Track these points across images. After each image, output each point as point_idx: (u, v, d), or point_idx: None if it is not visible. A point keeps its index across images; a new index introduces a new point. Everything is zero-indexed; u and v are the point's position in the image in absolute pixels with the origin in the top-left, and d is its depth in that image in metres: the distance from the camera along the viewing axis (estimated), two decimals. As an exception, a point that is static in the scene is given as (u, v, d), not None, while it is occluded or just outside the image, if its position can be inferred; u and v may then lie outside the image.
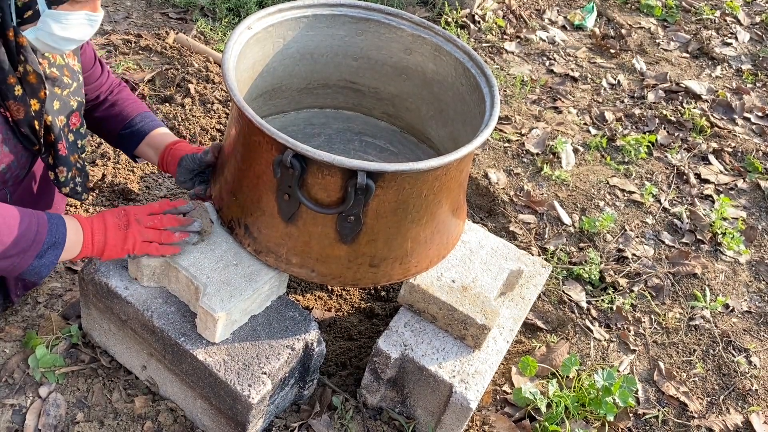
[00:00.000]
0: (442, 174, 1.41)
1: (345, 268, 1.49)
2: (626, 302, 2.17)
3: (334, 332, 1.93)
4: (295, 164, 1.30)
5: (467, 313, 1.53)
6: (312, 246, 1.45)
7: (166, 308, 1.50)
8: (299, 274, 1.49)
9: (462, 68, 1.67)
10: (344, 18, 1.74)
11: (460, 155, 1.37)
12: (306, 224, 1.42)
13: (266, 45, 1.66)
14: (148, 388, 1.63)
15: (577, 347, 2.02)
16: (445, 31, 1.71)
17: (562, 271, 2.22)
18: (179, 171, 1.64)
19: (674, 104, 3.22)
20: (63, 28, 1.31)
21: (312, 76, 1.86)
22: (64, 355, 1.67)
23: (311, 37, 1.75)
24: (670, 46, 3.72)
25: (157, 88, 2.61)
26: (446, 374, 1.53)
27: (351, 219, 1.38)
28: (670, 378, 1.98)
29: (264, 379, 1.43)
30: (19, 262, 1.30)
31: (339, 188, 1.34)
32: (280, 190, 1.38)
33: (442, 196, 1.47)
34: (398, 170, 1.31)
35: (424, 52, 1.76)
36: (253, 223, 1.48)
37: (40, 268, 1.33)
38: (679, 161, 2.85)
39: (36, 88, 1.36)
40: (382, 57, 1.82)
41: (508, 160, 2.67)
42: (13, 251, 1.28)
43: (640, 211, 2.55)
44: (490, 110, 1.52)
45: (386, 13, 1.74)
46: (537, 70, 3.32)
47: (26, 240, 1.29)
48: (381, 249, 1.47)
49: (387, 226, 1.43)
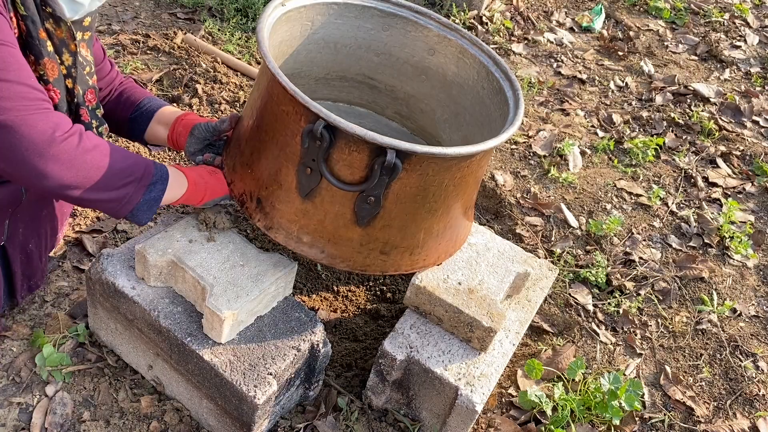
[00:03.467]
0: (465, 166, 1.41)
1: (356, 252, 1.48)
2: (633, 306, 2.16)
3: (339, 333, 1.93)
4: (324, 135, 1.29)
5: (473, 316, 1.53)
6: (326, 225, 1.43)
7: (172, 308, 1.50)
8: (308, 253, 1.48)
9: (485, 71, 1.68)
10: (373, 11, 1.74)
11: (487, 147, 1.37)
12: (323, 202, 1.40)
13: (295, 26, 1.65)
14: (154, 388, 1.64)
15: (584, 350, 2.01)
16: (471, 35, 1.71)
17: (569, 274, 2.22)
18: (190, 141, 1.60)
19: (682, 107, 3.20)
20: None
21: (332, 67, 1.85)
22: (71, 354, 1.67)
23: (338, 26, 1.75)
24: (679, 49, 3.71)
25: (164, 88, 2.62)
26: (452, 377, 1.53)
27: (371, 200, 1.37)
28: (676, 382, 1.97)
29: (270, 380, 1.43)
30: (134, 193, 1.30)
31: (364, 166, 1.33)
32: (303, 163, 1.36)
33: (459, 190, 1.47)
34: (427, 152, 1.31)
35: (448, 54, 1.76)
36: (267, 197, 1.46)
37: (150, 203, 1.33)
38: (687, 164, 2.84)
39: (65, 42, 1.36)
40: (404, 55, 1.82)
41: (515, 162, 2.66)
42: (129, 178, 1.28)
43: (647, 214, 2.54)
44: (515, 110, 1.52)
45: (415, 11, 1.75)
46: (544, 72, 3.31)
47: (138, 168, 1.30)
48: (394, 236, 1.46)
49: (404, 213, 1.42)
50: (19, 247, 1.58)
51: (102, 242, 1.98)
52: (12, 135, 1.11)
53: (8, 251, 1.55)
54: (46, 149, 1.15)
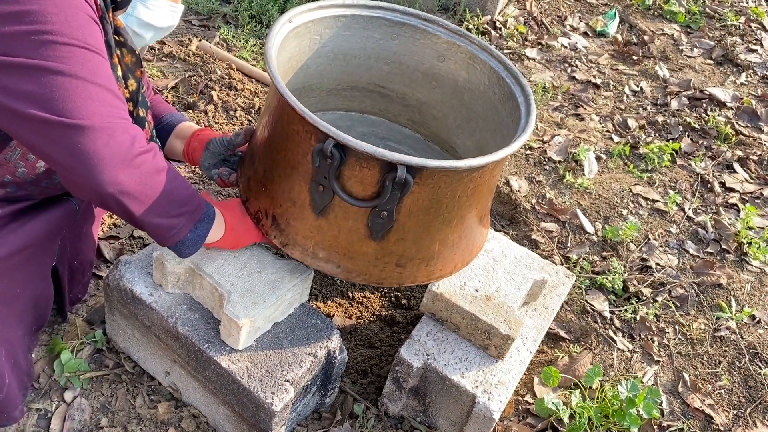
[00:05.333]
0: (477, 176, 1.40)
1: (371, 266, 1.48)
2: (650, 312, 2.14)
3: (355, 340, 1.93)
4: (334, 154, 1.30)
5: (491, 323, 1.52)
6: (340, 241, 1.44)
7: (190, 315, 1.50)
8: (324, 269, 1.48)
9: (496, 77, 1.67)
10: (381, 20, 1.74)
11: (499, 157, 1.37)
12: (337, 218, 1.41)
13: (303, 41, 1.66)
14: (171, 394, 1.64)
15: (600, 357, 2.00)
16: (481, 40, 1.71)
17: (585, 281, 2.20)
18: (205, 155, 1.62)
19: (698, 111, 3.18)
20: (149, 13, 1.35)
21: (342, 78, 1.86)
22: (89, 360, 1.68)
23: (347, 38, 1.75)
24: (694, 53, 3.69)
25: (180, 95, 2.63)
26: (469, 384, 1.52)
27: (384, 215, 1.37)
28: (695, 390, 1.95)
29: (287, 387, 1.43)
30: (184, 225, 1.31)
31: (376, 182, 1.34)
32: (315, 181, 1.37)
33: (473, 200, 1.46)
34: (438, 167, 1.31)
35: (458, 60, 1.76)
36: (282, 214, 1.47)
37: (196, 239, 1.35)
38: (704, 169, 2.82)
39: (133, 68, 1.39)
40: (414, 63, 1.82)
41: (530, 167, 2.65)
42: (184, 208, 1.30)
43: (663, 220, 2.53)
44: (527, 117, 1.52)
45: (423, 18, 1.75)
46: (559, 77, 3.30)
47: (194, 201, 1.32)
48: (409, 248, 1.46)
49: (417, 225, 1.42)
50: (66, 265, 1.60)
51: (119, 249, 1.99)
52: (92, 139, 1.11)
53: (58, 270, 1.57)
54: (124, 159, 1.15)
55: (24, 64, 1.08)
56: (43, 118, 1.10)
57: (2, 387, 1.38)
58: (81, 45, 1.12)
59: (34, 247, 1.39)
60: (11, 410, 1.46)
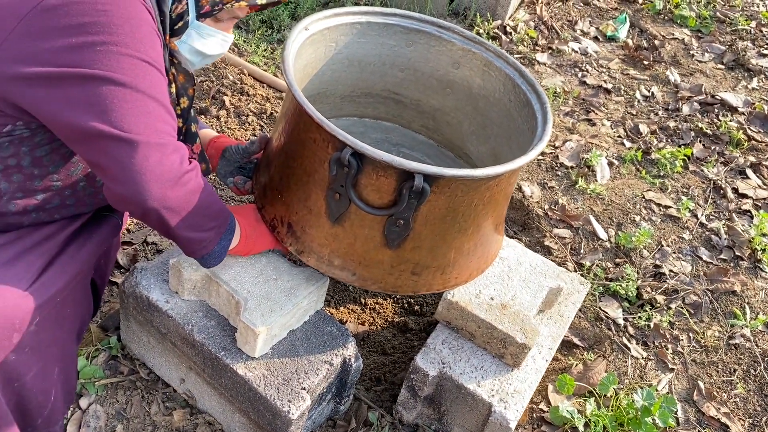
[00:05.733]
0: (494, 184, 1.40)
1: (387, 274, 1.48)
2: (664, 320, 2.13)
3: (367, 347, 1.93)
4: (352, 162, 1.30)
5: (507, 332, 1.52)
6: (356, 248, 1.44)
7: (206, 322, 1.50)
8: (340, 276, 1.48)
9: (511, 84, 1.67)
10: (396, 27, 1.75)
11: (516, 166, 1.37)
12: (353, 226, 1.41)
13: (319, 48, 1.67)
14: (186, 402, 1.64)
15: (614, 365, 1.99)
16: (496, 47, 1.71)
17: (599, 287, 2.19)
18: (221, 163, 1.64)
19: (710, 117, 3.17)
20: (202, 43, 1.36)
21: (357, 84, 1.86)
22: (104, 366, 1.68)
23: (362, 45, 1.76)
24: (705, 58, 3.67)
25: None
26: (485, 393, 1.51)
27: (400, 223, 1.37)
28: (710, 398, 1.94)
29: (303, 395, 1.42)
30: (213, 238, 1.34)
31: (392, 190, 1.34)
32: (331, 189, 1.38)
33: (489, 208, 1.46)
34: (455, 175, 1.31)
35: (473, 67, 1.75)
36: (298, 221, 1.47)
37: (221, 251, 1.38)
38: (716, 175, 2.81)
39: (185, 87, 1.41)
40: (428, 69, 1.82)
41: (542, 173, 2.65)
42: (214, 222, 1.33)
43: (676, 226, 2.52)
44: (543, 125, 1.51)
45: (438, 25, 1.75)
46: (569, 82, 3.29)
47: (223, 215, 1.35)
48: (425, 256, 1.46)
49: (433, 233, 1.42)
50: (98, 275, 1.61)
51: (132, 254, 1.99)
52: (145, 155, 1.13)
53: (96, 282, 1.59)
54: (173, 178, 1.18)
55: (87, 74, 1.10)
56: (99, 130, 1.11)
57: (48, 403, 1.40)
58: (144, 58, 1.14)
59: (87, 268, 1.42)
60: (52, 425, 1.48)
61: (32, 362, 1.30)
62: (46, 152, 1.26)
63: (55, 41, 1.09)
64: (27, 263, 1.25)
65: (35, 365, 1.32)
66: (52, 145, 1.25)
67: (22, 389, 1.33)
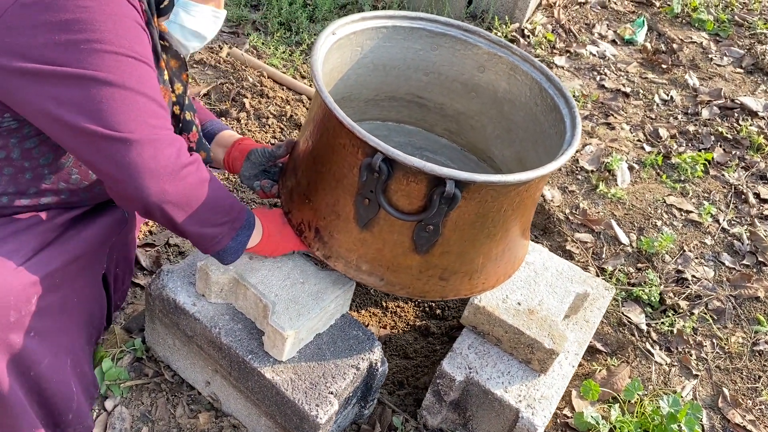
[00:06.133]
0: (524, 190, 1.39)
1: (415, 279, 1.47)
2: (687, 325, 2.12)
3: (389, 350, 1.92)
4: (382, 168, 1.29)
5: (534, 337, 1.51)
6: (384, 254, 1.43)
7: (233, 325, 1.50)
8: (367, 281, 1.48)
9: (538, 88, 1.66)
10: (422, 31, 1.74)
11: (547, 171, 1.36)
12: (381, 231, 1.41)
13: (345, 52, 1.66)
14: (211, 404, 1.64)
15: (638, 371, 1.97)
16: (523, 51, 1.70)
17: (621, 292, 2.18)
18: (246, 165, 1.63)
19: (730, 121, 3.15)
20: (192, 20, 1.35)
21: (381, 88, 1.86)
22: (129, 368, 1.68)
23: (387, 49, 1.75)
24: (724, 61, 3.65)
25: (212, 102, 2.64)
26: (512, 399, 1.51)
27: (429, 228, 1.37)
28: (735, 405, 1.92)
29: (331, 399, 1.42)
30: (227, 233, 1.33)
31: (423, 196, 1.33)
32: (361, 195, 1.37)
33: (518, 213, 1.45)
34: (487, 181, 1.30)
35: (498, 71, 1.75)
36: (326, 227, 1.47)
37: (237, 247, 1.37)
38: (737, 180, 2.78)
39: (178, 72, 1.40)
40: (453, 73, 1.82)
41: (563, 176, 2.63)
42: (226, 217, 1.31)
43: (698, 232, 2.50)
44: (572, 130, 1.50)
45: (464, 29, 1.74)
46: (588, 85, 3.28)
47: (235, 210, 1.33)
48: (453, 262, 1.45)
49: (462, 239, 1.41)
50: (112, 273, 1.61)
51: (155, 256, 2.00)
52: (138, 152, 1.13)
53: (107, 278, 1.59)
54: (170, 172, 1.16)
55: (73, 74, 1.09)
56: (91, 130, 1.10)
57: (73, 396, 1.39)
58: (129, 54, 1.13)
59: (89, 255, 1.40)
60: (84, 419, 1.47)
61: (42, 350, 1.27)
62: (35, 144, 1.25)
63: (38, 38, 1.08)
64: (20, 242, 1.24)
65: (47, 354, 1.29)
66: (40, 136, 1.24)
67: (41, 379, 1.31)
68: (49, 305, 1.27)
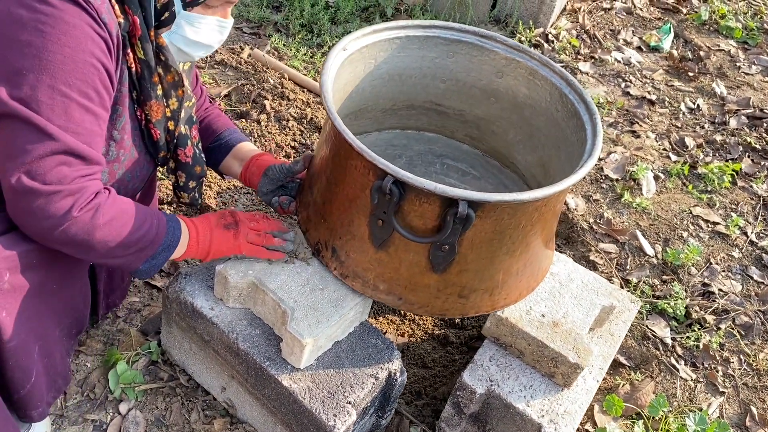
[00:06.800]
0: (542, 205, 1.35)
1: (433, 298, 1.44)
2: (713, 340, 2.06)
3: (407, 359, 1.89)
4: (394, 191, 1.27)
5: (559, 351, 1.47)
6: (401, 273, 1.41)
7: (250, 331, 1.48)
8: (386, 300, 1.45)
9: (558, 93, 1.62)
10: (436, 39, 1.71)
11: (564, 187, 1.32)
12: (397, 251, 1.38)
13: (358, 66, 1.64)
14: (227, 411, 1.61)
15: (662, 386, 1.92)
16: (542, 55, 1.66)
17: (646, 305, 2.13)
18: (263, 181, 1.61)
19: (758, 131, 3.08)
20: (195, 31, 1.33)
21: (398, 97, 1.83)
22: (144, 372, 1.66)
23: (402, 59, 1.72)
24: (752, 70, 3.58)
25: (233, 104, 2.62)
26: (535, 413, 1.46)
27: (445, 248, 1.34)
28: (763, 424, 1.86)
29: (349, 409, 1.39)
30: (134, 261, 1.31)
31: (436, 216, 1.30)
32: (374, 215, 1.35)
33: (538, 227, 1.41)
34: (501, 200, 1.27)
35: (517, 76, 1.71)
36: (342, 246, 1.45)
37: (150, 269, 1.35)
38: (766, 191, 2.72)
39: (175, 86, 1.38)
40: (471, 79, 1.78)
41: (587, 185, 2.58)
42: (131, 249, 1.29)
43: (725, 244, 2.44)
44: (593, 139, 1.46)
45: (480, 35, 1.70)
46: (612, 92, 3.22)
47: (145, 240, 1.30)
48: (472, 280, 1.42)
49: (480, 257, 1.38)
50: (104, 269, 1.58)
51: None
52: (30, 198, 1.13)
53: (96, 270, 1.56)
54: (51, 224, 1.16)
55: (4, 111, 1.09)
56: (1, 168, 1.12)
57: (26, 382, 1.32)
58: (67, 94, 1.12)
59: None
60: (30, 409, 1.39)
61: (9, 329, 1.23)
62: None
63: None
64: None
65: (14, 336, 1.24)
66: None
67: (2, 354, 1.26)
68: (22, 285, 1.23)
